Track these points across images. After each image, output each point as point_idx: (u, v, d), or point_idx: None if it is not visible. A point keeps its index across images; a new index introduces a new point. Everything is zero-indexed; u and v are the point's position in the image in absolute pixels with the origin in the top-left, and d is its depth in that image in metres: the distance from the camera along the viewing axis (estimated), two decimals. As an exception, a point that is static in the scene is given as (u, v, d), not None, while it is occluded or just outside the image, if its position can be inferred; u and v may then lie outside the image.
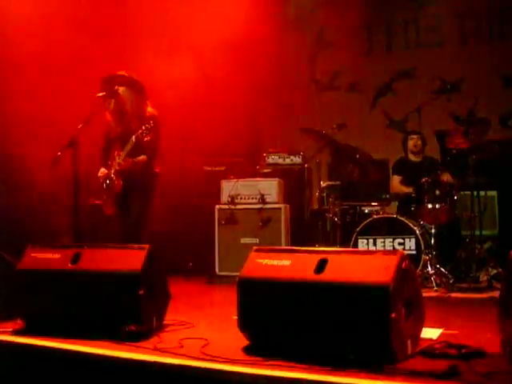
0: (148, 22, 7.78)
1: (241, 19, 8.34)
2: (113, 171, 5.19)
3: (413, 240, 5.75)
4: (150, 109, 5.31)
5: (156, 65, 7.29)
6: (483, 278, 5.68)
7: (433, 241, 5.86)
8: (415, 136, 6.64)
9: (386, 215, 6.10)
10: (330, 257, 3.12)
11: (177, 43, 7.81)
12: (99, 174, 5.30)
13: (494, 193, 6.94)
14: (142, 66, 6.42)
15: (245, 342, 3.25)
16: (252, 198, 6.87)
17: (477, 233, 5.96)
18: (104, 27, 7.10)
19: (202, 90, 8.04)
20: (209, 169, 7.62)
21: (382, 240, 5.87)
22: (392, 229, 5.87)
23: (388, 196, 6.45)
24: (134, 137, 4.99)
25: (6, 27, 6.46)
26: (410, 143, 6.67)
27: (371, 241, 5.90)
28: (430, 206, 5.83)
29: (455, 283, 5.54)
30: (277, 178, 7.03)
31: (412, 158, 6.70)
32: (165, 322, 3.82)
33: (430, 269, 5.71)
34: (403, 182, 6.62)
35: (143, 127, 4.95)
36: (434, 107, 6.90)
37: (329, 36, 9.26)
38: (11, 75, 6.45)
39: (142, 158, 5.20)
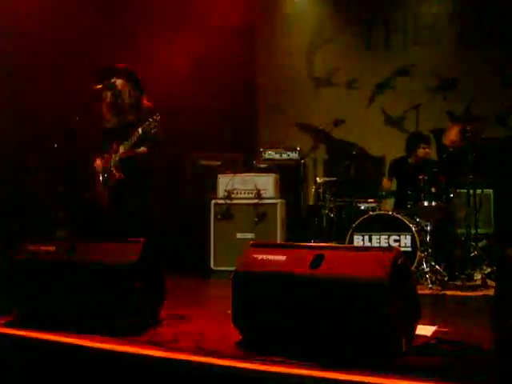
0: (145, 13, 7.77)
1: (240, 13, 8.34)
2: (112, 163, 5.16)
3: (408, 237, 5.76)
4: (146, 102, 5.29)
5: (153, 59, 7.28)
6: (478, 276, 5.69)
7: (428, 238, 5.87)
8: (427, 146, 6.58)
9: (381, 212, 6.11)
10: (325, 252, 3.12)
11: (174, 37, 7.79)
12: (95, 166, 5.27)
13: (489, 191, 6.96)
14: (139, 60, 6.40)
15: (239, 337, 3.25)
16: (248, 193, 6.88)
17: (472, 231, 5.98)
18: (101, 19, 7.08)
19: (198, 85, 8.03)
20: (205, 163, 7.62)
21: (378, 237, 5.87)
22: (388, 226, 5.87)
23: (384, 193, 6.46)
24: (140, 129, 4.95)
25: (8, 21, 6.43)
26: (421, 152, 6.53)
27: (367, 237, 5.90)
28: (426, 203, 5.85)
29: (450, 281, 5.55)
30: (273, 174, 7.04)
31: (411, 160, 6.64)
32: (160, 316, 3.82)
33: (425, 266, 5.72)
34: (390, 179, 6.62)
35: (150, 119, 4.93)
36: (431, 105, 6.90)
37: (327, 32, 9.26)
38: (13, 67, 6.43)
39: (142, 149, 5.19)
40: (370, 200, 6.61)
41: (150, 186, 5.33)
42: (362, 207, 6.59)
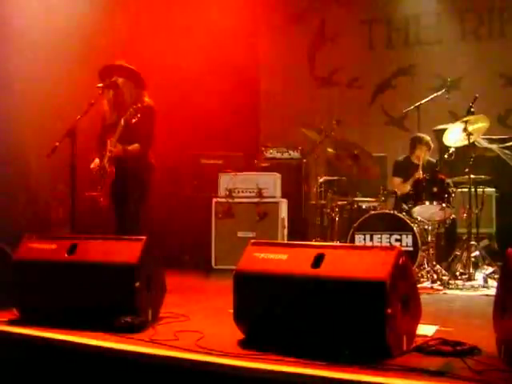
0: (148, 13, 7.76)
1: (241, 14, 8.34)
2: (106, 160, 5.14)
3: (410, 237, 5.76)
4: (147, 99, 5.29)
5: (155, 57, 7.27)
6: (479, 275, 5.68)
7: (430, 238, 5.86)
8: (424, 147, 6.59)
9: (383, 211, 6.10)
10: (327, 251, 3.12)
11: (176, 37, 7.78)
12: (92, 165, 5.26)
13: (491, 190, 6.94)
14: (141, 58, 6.40)
15: (240, 336, 3.25)
16: (249, 192, 6.87)
17: (473, 230, 5.97)
18: (104, 19, 7.07)
19: (200, 83, 8.03)
20: (206, 162, 7.62)
21: (379, 236, 5.87)
22: (389, 225, 5.87)
23: (386, 192, 6.44)
24: (122, 120, 4.96)
25: (13, 18, 6.42)
26: (418, 151, 6.58)
27: (368, 236, 5.90)
28: (427, 202, 5.84)
29: (451, 280, 5.55)
30: (275, 173, 7.03)
31: (415, 160, 6.62)
32: (160, 315, 3.82)
33: (426, 266, 5.72)
34: (405, 182, 6.56)
35: (130, 109, 4.94)
36: (433, 105, 6.89)
37: (329, 31, 9.25)
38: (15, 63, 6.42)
39: (135, 146, 5.16)
40: (371, 199, 6.61)
41: (147, 183, 5.31)
42: (364, 206, 6.58)
